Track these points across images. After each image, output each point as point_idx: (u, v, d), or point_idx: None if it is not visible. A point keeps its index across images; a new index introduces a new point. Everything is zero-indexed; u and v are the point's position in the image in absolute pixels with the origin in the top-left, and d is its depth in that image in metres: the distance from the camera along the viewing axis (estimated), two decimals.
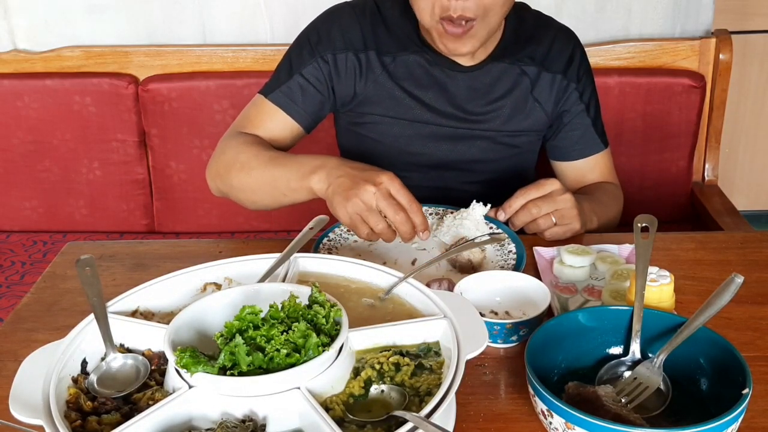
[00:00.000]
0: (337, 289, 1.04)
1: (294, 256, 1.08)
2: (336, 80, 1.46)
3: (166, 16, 2.23)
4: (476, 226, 1.31)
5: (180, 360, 0.82)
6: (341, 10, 1.49)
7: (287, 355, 0.82)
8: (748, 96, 2.89)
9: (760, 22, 2.80)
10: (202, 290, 1.06)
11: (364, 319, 0.96)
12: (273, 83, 1.48)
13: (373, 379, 0.88)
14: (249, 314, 0.86)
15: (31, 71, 2.24)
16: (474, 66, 1.47)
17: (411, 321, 0.95)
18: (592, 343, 0.98)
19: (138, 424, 0.80)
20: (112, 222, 2.31)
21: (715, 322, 0.93)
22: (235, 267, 1.08)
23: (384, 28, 1.46)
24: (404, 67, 1.46)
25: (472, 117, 1.49)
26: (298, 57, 1.46)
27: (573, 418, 0.80)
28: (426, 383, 0.87)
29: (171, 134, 2.20)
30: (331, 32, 1.45)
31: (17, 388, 0.86)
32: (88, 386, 0.90)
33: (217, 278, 1.07)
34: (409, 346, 0.93)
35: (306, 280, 1.05)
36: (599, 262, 1.24)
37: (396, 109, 1.48)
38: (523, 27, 1.50)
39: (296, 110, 1.45)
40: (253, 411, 0.82)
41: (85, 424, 0.84)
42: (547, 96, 1.51)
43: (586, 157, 1.57)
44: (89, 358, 0.94)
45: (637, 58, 2.16)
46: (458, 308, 0.95)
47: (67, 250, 1.38)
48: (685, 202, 2.22)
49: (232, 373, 0.81)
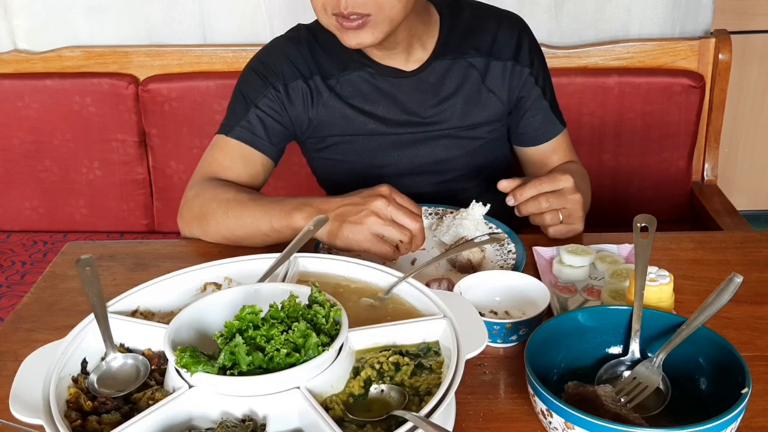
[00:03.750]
0: (337, 289, 1.04)
1: (294, 256, 1.08)
2: (290, 108, 1.46)
3: (166, 16, 2.23)
4: (476, 226, 1.31)
5: (180, 360, 0.82)
6: (279, 42, 1.50)
7: (287, 354, 0.83)
8: (747, 96, 2.89)
9: (760, 22, 2.80)
10: (202, 290, 1.06)
11: (364, 319, 0.97)
12: (230, 121, 1.45)
13: (373, 378, 0.88)
14: (249, 314, 0.86)
15: (32, 71, 2.25)
16: (417, 69, 1.46)
17: (410, 321, 0.95)
18: (591, 342, 0.98)
19: (138, 423, 0.80)
20: (112, 222, 2.31)
21: (715, 321, 0.94)
22: (235, 267, 1.08)
23: (322, 52, 1.46)
24: (350, 86, 1.47)
25: (427, 119, 1.49)
26: (250, 90, 1.45)
27: (572, 417, 0.80)
28: (426, 383, 0.87)
29: (171, 134, 2.20)
30: (277, 63, 1.45)
31: (17, 387, 0.86)
32: (88, 386, 0.90)
33: (217, 278, 1.07)
34: (409, 346, 0.93)
35: (306, 280, 1.05)
36: (599, 262, 1.24)
37: (351, 127, 1.48)
38: (460, 20, 1.48)
39: (261, 143, 1.44)
40: (253, 411, 0.82)
41: (86, 424, 0.84)
42: (500, 84, 1.49)
43: (549, 140, 1.55)
44: (89, 357, 0.94)
45: (637, 58, 2.16)
46: (458, 308, 0.95)
47: (67, 250, 1.38)
48: (684, 202, 2.22)
49: (232, 373, 0.81)
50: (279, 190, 2.16)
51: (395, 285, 1.02)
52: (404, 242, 1.19)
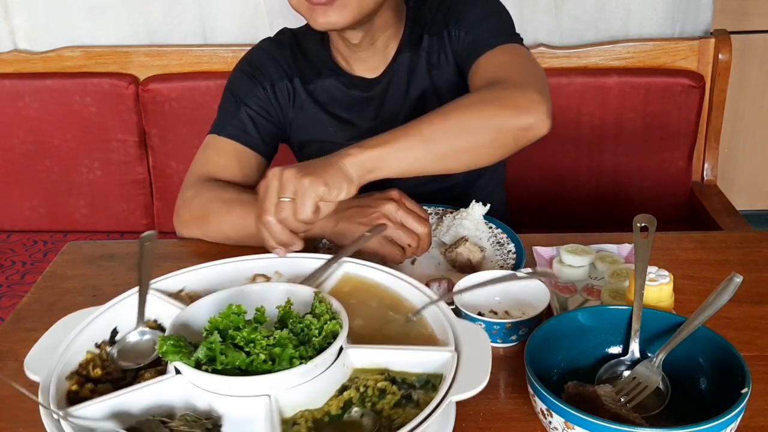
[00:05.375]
0: (371, 300, 1.01)
1: (342, 260, 1.06)
2: (277, 108, 1.47)
3: (166, 16, 2.24)
4: (476, 226, 1.31)
5: (161, 346, 0.83)
6: (266, 44, 1.51)
7: (264, 361, 0.82)
8: (747, 96, 2.89)
9: (760, 22, 2.80)
10: (251, 280, 1.06)
11: (383, 336, 0.94)
12: (221, 121, 1.45)
13: (354, 401, 0.84)
14: (233, 314, 0.86)
15: (32, 71, 2.25)
16: (385, 72, 1.46)
17: (414, 348, 0.90)
18: (591, 342, 0.98)
19: (116, 399, 0.83)
20: (112, 222, 2.31)
21: (714, 321, 0.94)
22: (287, 262, 1.07)
23: (302, 57, 1.48)
24: (324, 93, 1.47)
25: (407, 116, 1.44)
26: (240, 90, 1.46)
27: (572, 417, 0.80)
28: (404, 417, 0.82)
29: (171, 134, 2.20)
30: (264, 64, 1.47)
31: (41, 345, 0.91)
32: (108, 354, 0.92)
33: (267, 270, 1.07)
34: (409, 374, 0.88)
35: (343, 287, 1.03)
36: (598, 262, 1.24)
37: (325, 133, 1.48)
38: (421, 13, 1.46)
39: (254, 141, 1.44)
40: (216, 409, 0.82)
41: (81, 390, 0.86)
42: (444, 60, 1.43)
43: (475, 60, 1.34)
44: (120, 328, 0.96)
45: (637, 58, 2.16)
46: (474, 344, 0.88)
47: (68, 249, 1.38)
48: (684, 202, 2.22)
49: (207, 369, 0.81)
50: None
51: (425, 308, 0.96)
52: (411, 245, 1.19)
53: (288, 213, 1.03)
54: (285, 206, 1.03)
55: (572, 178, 2.20)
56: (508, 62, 1.30)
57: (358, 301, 1.00)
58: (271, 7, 2.21)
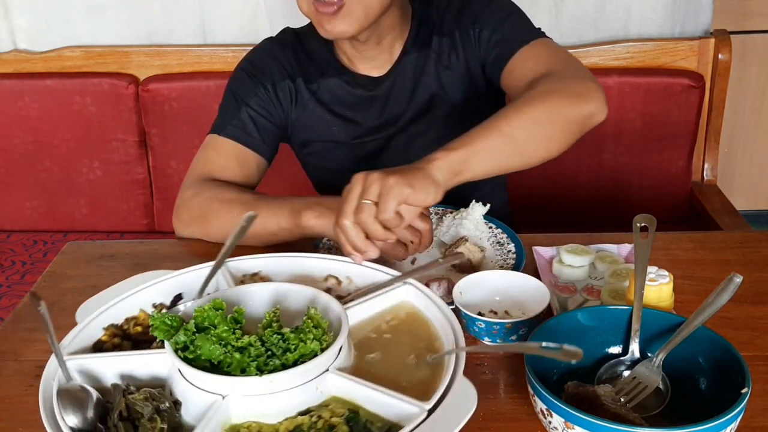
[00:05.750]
0: (404, 337, 0.96)
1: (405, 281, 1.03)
2: (279, 108, 1.47)
3: (166, 16, 2.24)
4: (476, 226, 1.31)
5: (155, 320, 0.86)
6: (267, 44, 1.51)
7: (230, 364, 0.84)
8: (747, 96, 2.89)
9: (759, 22, 2.80)
10: (323, 280, 1.08)
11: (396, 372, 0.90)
12: (222, 121, 1.45)
13: (304, 429, 0.81)
14: (211, 309, 0.87)
15: (32, 71, 2.25)
16: (390, 71, 1.46)
17: (389, 393, 0.83)
18: (591, 342, 0.98)
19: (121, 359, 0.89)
20: (112, 222, 2.31)
21: (714, 321, 0.94)
22: (358, 269, 1.07)
23: (305, 56, 1.48)
24: (329, 92, 1.47)
25: (412, 116, 1.48)
26: (241, 90, 1.46)
27: (572, 417, 0.80)
28: None
29: (171, 134, 2.20)
30: (265, 63, 1.47)
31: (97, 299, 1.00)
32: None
33: (340, 273, 1.08)
34: (376, 418, 0.83)
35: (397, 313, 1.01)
36: (598, 262, 1.24)
37: (327, 132, 1.49)
38: (427, 14, 1.46)
39: (254, 142, 1.43)
40: (174, 391, 0.86)
41: (105, 343, 0.95)
42: (455, 60, 1.43)
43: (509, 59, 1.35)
44: (185, 295, 1.01)
45: (637, 58, 2.16)
46: (455, 405, 0.81)
47: (68, 249, 1.38)
48: (684, 202, 2.22)
49: (186, 356, 0.84)
50: (279, 189, 2.15)
51: (445, 354, 0.90)
52: (414, 243, 1.19)
53: (367, 215, 1.01)
54: (365, 208, 1.02)
55: (572, 178, 2.20)
56: (549, 55, 1.32)
57: (392, 335, 0.97)
58: (271, 7, 2.21)
